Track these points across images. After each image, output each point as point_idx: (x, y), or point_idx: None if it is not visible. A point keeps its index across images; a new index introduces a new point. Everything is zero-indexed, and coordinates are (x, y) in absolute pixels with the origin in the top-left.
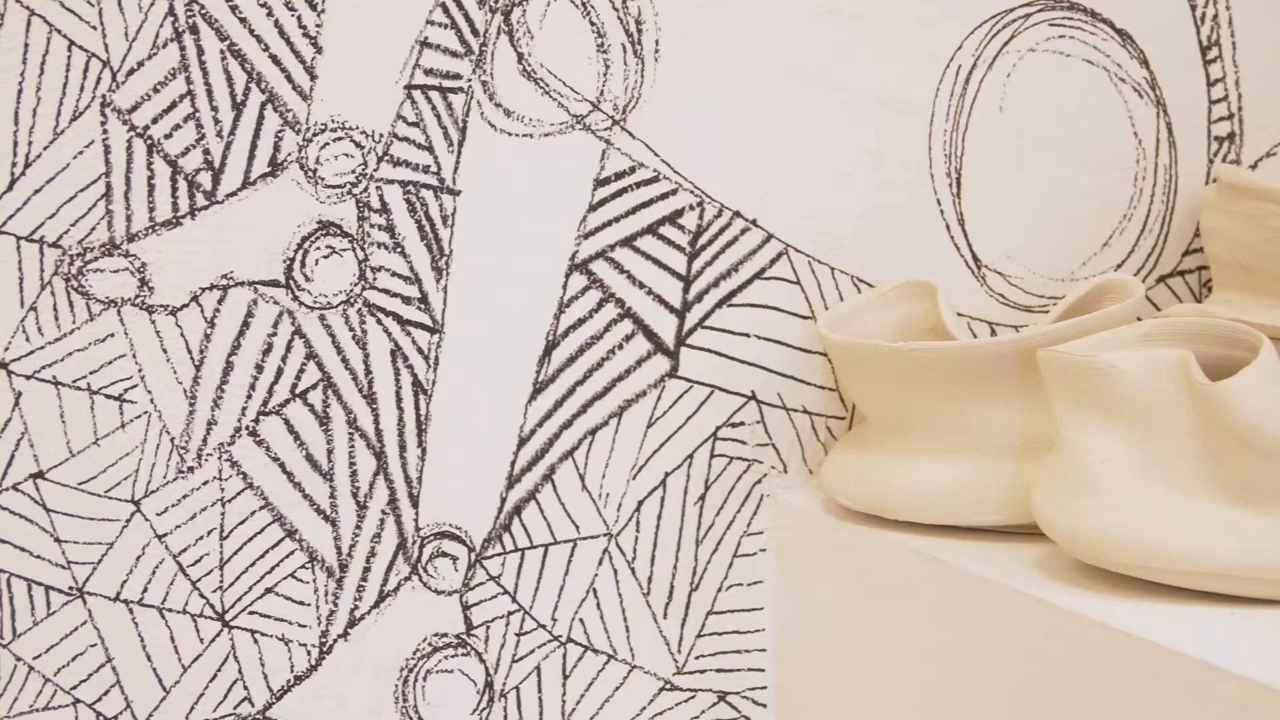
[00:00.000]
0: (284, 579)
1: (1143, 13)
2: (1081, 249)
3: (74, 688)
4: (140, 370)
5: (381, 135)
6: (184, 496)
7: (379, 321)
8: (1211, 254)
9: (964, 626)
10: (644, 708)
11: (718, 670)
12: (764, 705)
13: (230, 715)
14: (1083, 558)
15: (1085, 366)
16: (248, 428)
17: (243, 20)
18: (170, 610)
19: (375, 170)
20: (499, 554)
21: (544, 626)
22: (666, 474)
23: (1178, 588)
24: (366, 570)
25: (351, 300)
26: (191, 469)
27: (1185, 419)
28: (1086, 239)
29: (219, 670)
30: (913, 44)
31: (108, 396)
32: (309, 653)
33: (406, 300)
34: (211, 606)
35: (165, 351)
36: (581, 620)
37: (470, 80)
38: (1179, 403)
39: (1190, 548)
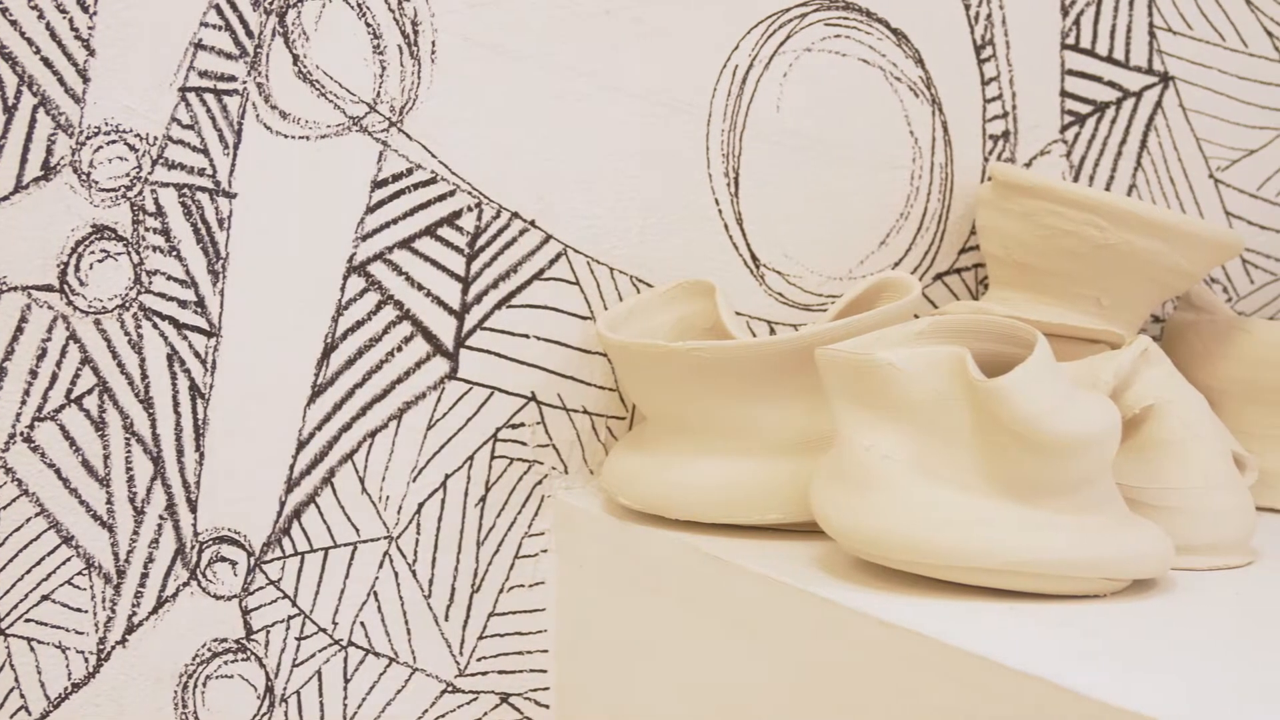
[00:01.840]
0: (60, 586)
1: (918, 12)
2: (859, 247)
3: None
4: None
5: (156, 138)
6: None
7: (155, 326)
8: (987, 252)
9: (745, 625)
10: (426, 710)
11: (500, 672)
12: (546, 706)
13: None
14: (861, 554)
15: (862, 364)
16: (22, 434)
17: (14, 23)
18: None
19: (150, 173)
20: (279, 558)
21: (325, 630)
22: (447, 476)
23: (956, 583)
24: (145, 576)
25: (127, 304)
26: None
27: (962, 416)
28: (864, 237)
29: None
30: (690, 44)
31: None
32: (87, 660)
33: (183, 304)
34: None
35: None
36: (363, 623)
37: (245, 82)
38: (956, 400)
39: (967, 544)
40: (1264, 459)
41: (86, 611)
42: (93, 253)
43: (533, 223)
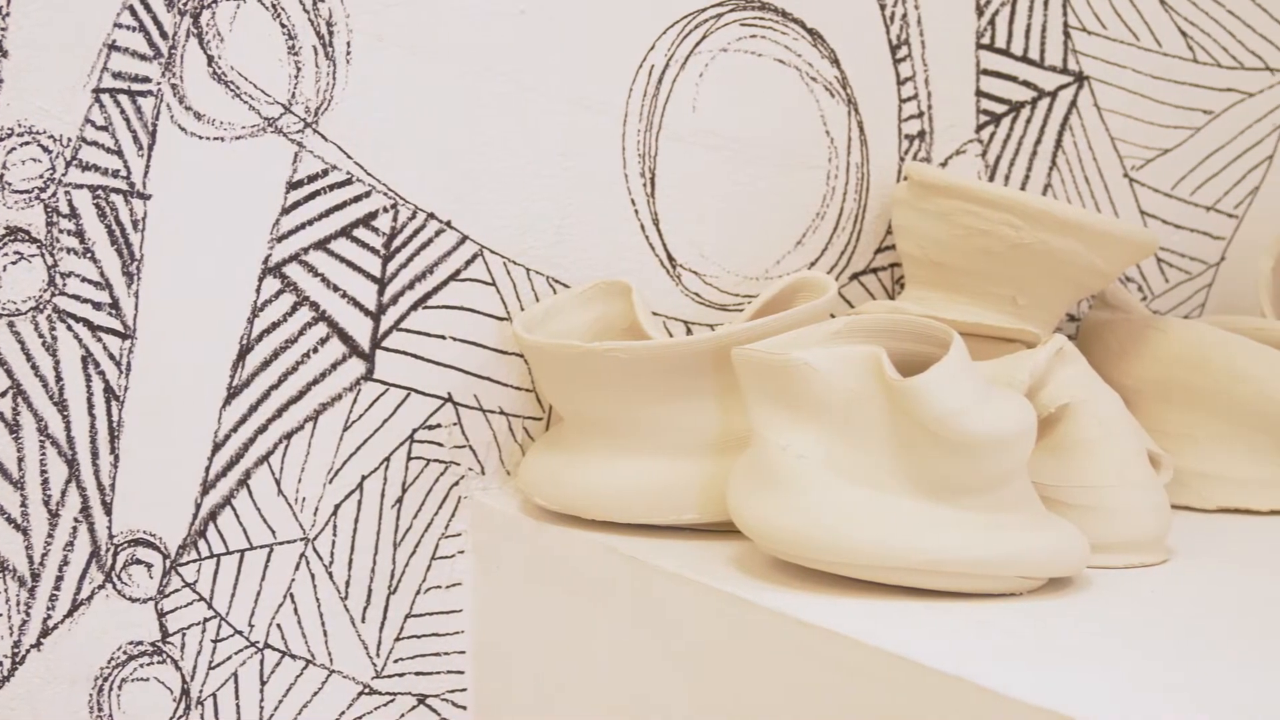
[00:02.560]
0: None
1: (833, 12)
2: (775, 247)
3: None
4: None
5: (70, 140)
6: None
7: (69, 328)
8: (903, 251)
9: (661, 624)
10: (343, 712)
11: (417, 673)
12: (463, 707)
13: None
14: (778, 554)
15: (778, 364)
16: None
17: None
18: None
19: (64, 175)
20: (194, 560)
21: (241, 632)
22: (363, 477)
23: (872, 583)
24: (59, 579)
25: (41, 307)
26: None
27: (878, 415)
28: (780, 237)
29: None
30: (606, 45)
31: None
32: (1, 664)
33: (97, 306)
34: None
35: None
36: (279, 625)
37: (160, 84)
38: (872, 399)
39: (883, 543)
40: (1178, 457)
41: (1, 615)
42: (6, 255)
43: (449, 223)
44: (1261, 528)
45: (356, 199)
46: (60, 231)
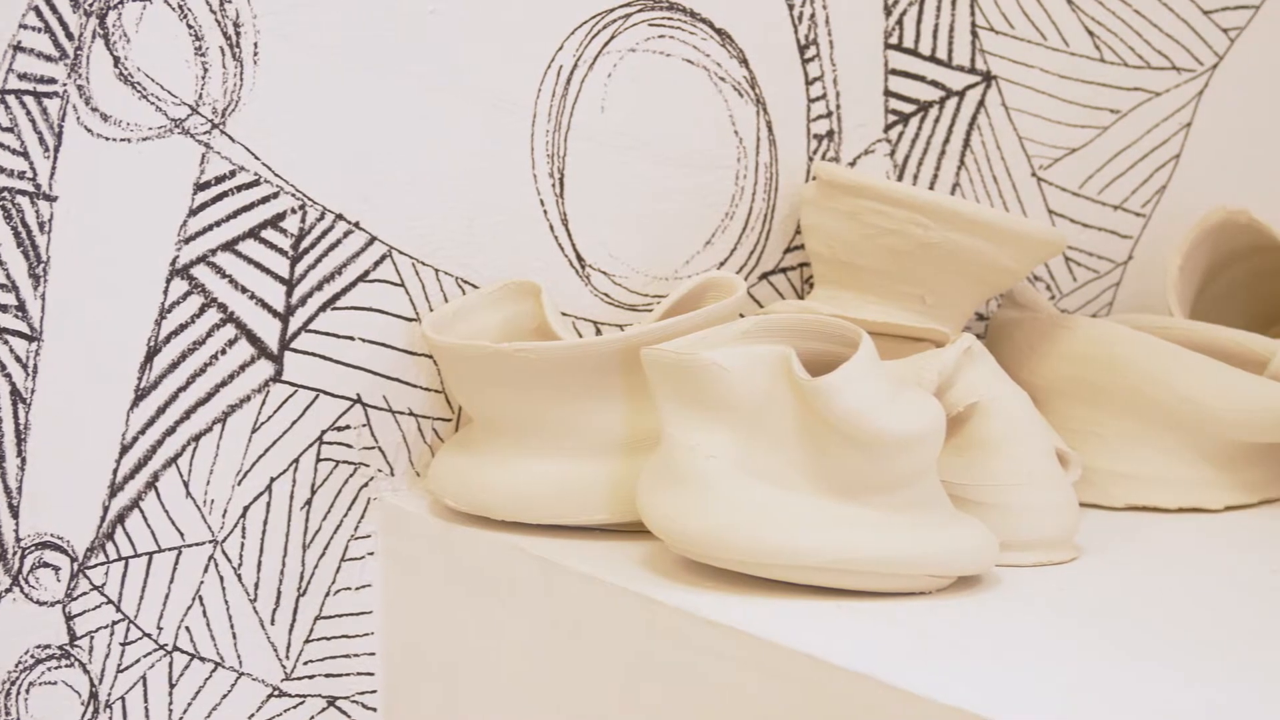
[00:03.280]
0: None
1: (741, 12)
2: (685, 247)
3: None
4: None
5: None
6: None
7: None
8: (812, 250)
9: (571, 625)
10: (252, 715)
11: (326, 675)
12: (374, 709)
13: None
14: (688, 554)
15: (687, 364)
16: None
17: None
18: None
19: None
20: (103, 563)
21: (149, 635)
22: (272, 479)
23: (782, 582)
24: None
25: None
26: None
27: (788, 415)
28: (689, 237)
29: None
30: (515, 45)
31: None
32: None
33: (3, 308)
34: None
35: None
36: (188, 628)
37: (66, 84)
38: (781, 399)
39: (792, 542)
40: (1087, 455)
41: None
42: None
43: (357, 224)
44: (1169, 526)
45: (264, 200)
46: None
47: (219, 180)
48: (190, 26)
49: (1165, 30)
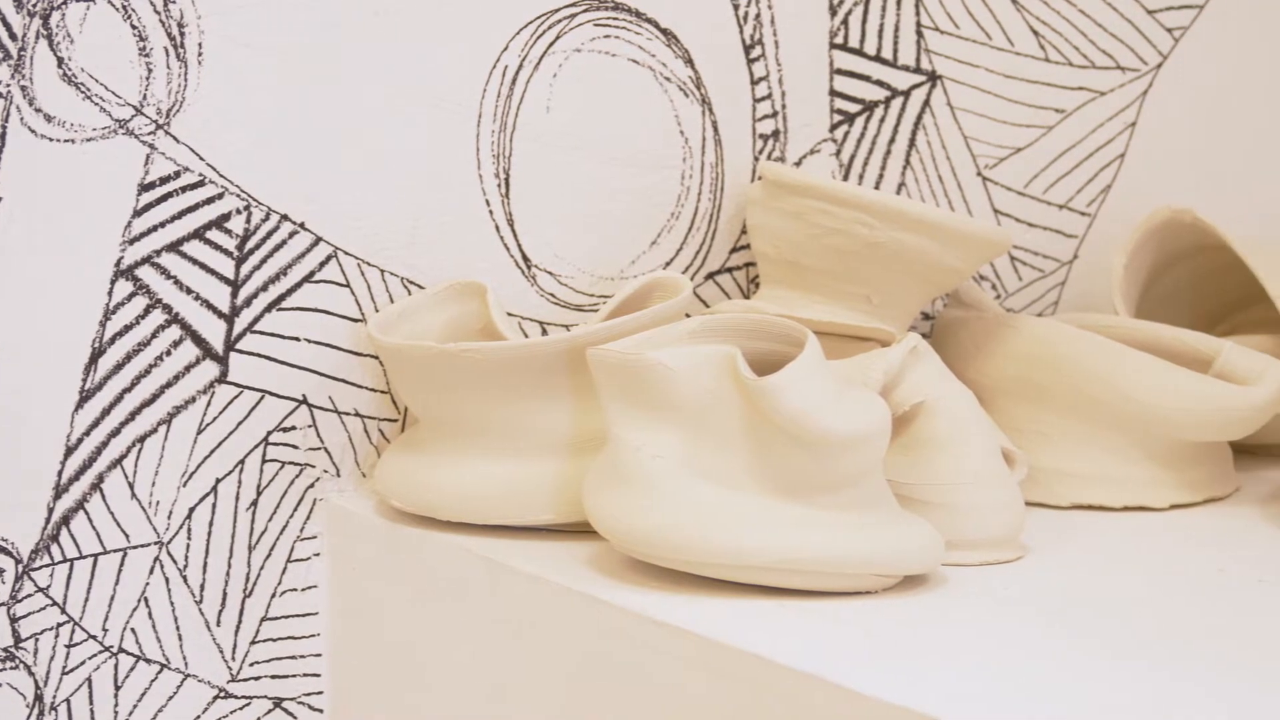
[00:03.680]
0: None
1: (687, 12)
2: (631, 247)
3: None
4: None
5: None
6: None
7: None
8: (758, 250)
9: (517, 625)
10: (198, 717)
11: (273, 677)
12: (320, 711)
13: None
14: (634, 554)
15: (633, 364)
16: None
17: None
18: None
19: None
20: (47, 565)
21: (95, 637)
22: (218, 480)
23: (729, 582)
24: None
25: None
26: None
27: (734, 414)
28: (635, 237)
29: None
30: (460, 45)
31: None
32: None
33: None
34: None
35: None
36: (134, 630)
37: (9, 85)
38: (727, 399)
39: (738, 542)
40: (1032, 454)
41: None
42: None
43: (303, 225)
44: (1114, 524)
45: (209, 201)
46: None
47: (163, 181)
48: (134, 27)
49: (1110, 30)
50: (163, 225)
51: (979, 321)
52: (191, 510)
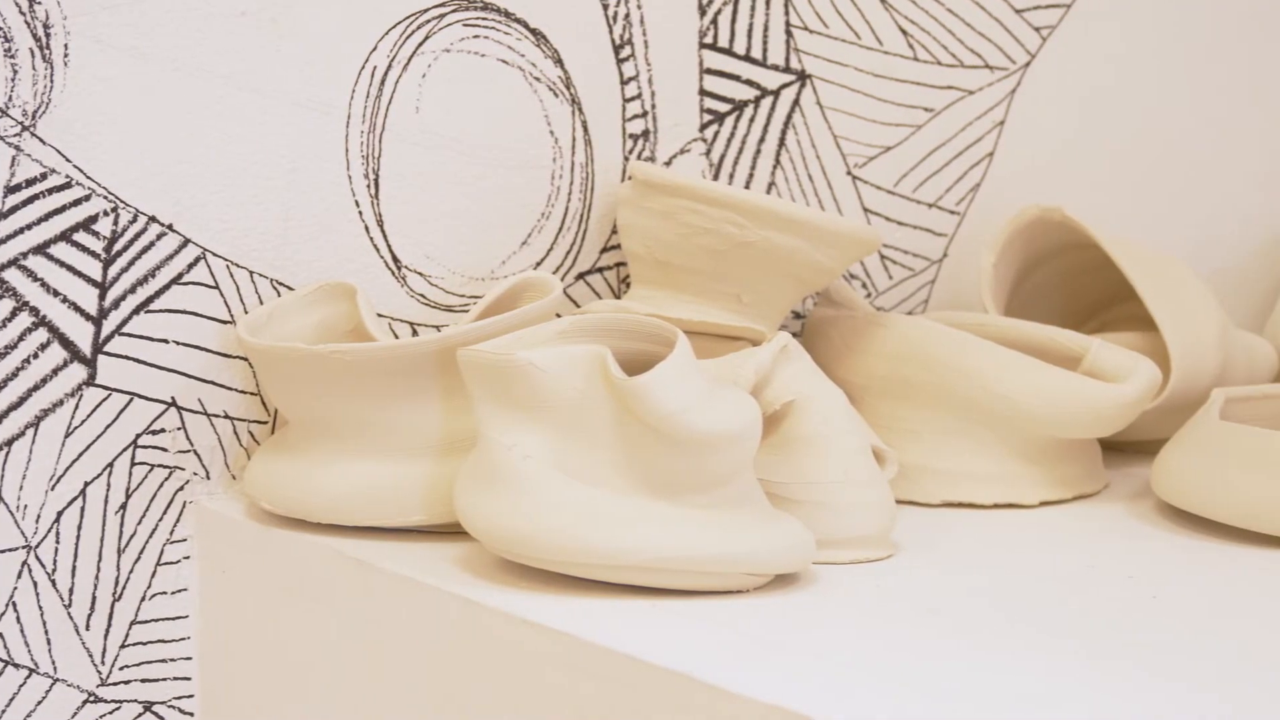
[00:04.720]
0: None
1: (556, 13)
2: (501, 248)
3: None
4: None
5: None
6: None
7: None
8: (629, 250)
9: (389, 627)
10: None
11: (143, 680)
12: (190, 714)
13: None
14: (505, 555)
15: (503, 364)
16: None
17: None
18: None
19: None
20: None
21: None
22: (86, 483)
23: (600, 582)
24: None
25: None
26: None
27: (604, 414)
28: (506, 238)
29: None
30: (328, 46)
31: None
32: None
33: None
34: None
35: None
36: (1, 634)
37: None
38: (597, 398)
39: (609, 542)
40: (903, 453)
41: None
42: None
43: (171, 226)
44: (984, 521)
45: (76, 203)
46: None
47: (30, 183)
48: (0, 28)
49: (978, 29)
50: (29, 228)
51: (849, 320)
52: (60, 514)
